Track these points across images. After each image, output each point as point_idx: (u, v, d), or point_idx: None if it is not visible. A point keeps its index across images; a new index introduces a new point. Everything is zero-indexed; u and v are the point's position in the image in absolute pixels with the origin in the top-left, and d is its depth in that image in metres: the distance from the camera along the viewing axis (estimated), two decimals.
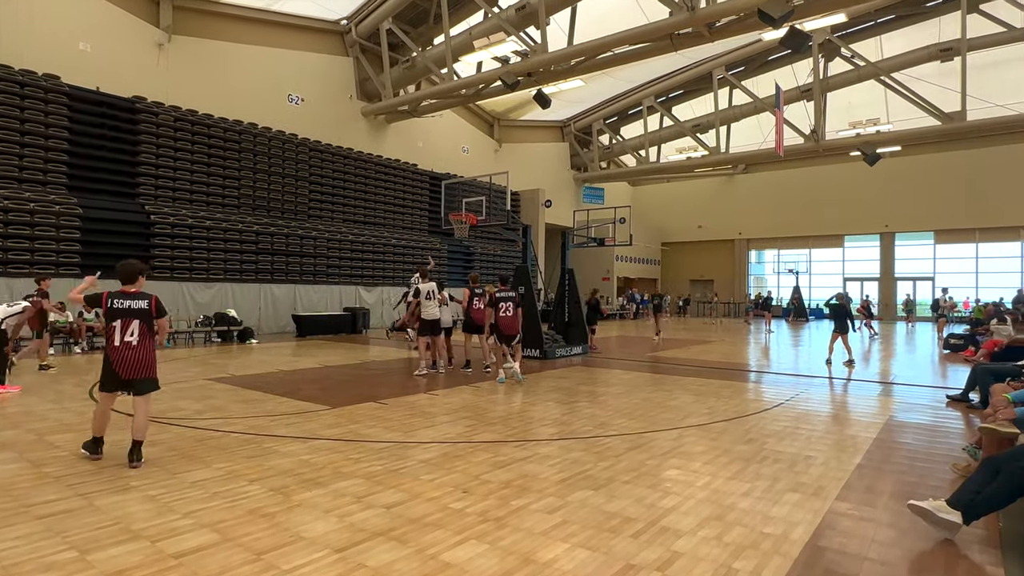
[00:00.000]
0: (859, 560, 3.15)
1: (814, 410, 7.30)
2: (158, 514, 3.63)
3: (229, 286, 17.05)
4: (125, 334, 4.73)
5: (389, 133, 24.46)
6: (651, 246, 37.07)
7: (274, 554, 3.10)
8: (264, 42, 20.02)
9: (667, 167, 31.64)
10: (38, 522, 3.48)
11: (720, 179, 36.31)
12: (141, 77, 16.86)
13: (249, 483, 4.24)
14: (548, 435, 5.83)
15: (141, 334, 4.77)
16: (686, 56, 24.16)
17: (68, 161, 14.77)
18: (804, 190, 33.13)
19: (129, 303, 4.84)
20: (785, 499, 4.06)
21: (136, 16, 16.96)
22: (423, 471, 4.59)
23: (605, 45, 17.73)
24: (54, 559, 3.00)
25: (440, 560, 3.06)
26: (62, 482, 4.21)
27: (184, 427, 5.94)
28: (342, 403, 7.31)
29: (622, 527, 3.53)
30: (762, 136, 27.55)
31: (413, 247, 23.12)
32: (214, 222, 17.01)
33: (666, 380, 9.58)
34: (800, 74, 25.51)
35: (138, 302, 4.86)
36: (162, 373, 9.55)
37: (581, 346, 13.44)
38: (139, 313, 4.82)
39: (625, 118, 33.32)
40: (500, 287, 9.90)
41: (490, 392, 8.32)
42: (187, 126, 17.11)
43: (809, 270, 33.46)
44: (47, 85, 14.45)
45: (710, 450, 5.31)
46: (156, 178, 16.43)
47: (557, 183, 32.81)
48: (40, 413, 6.50)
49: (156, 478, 4.32)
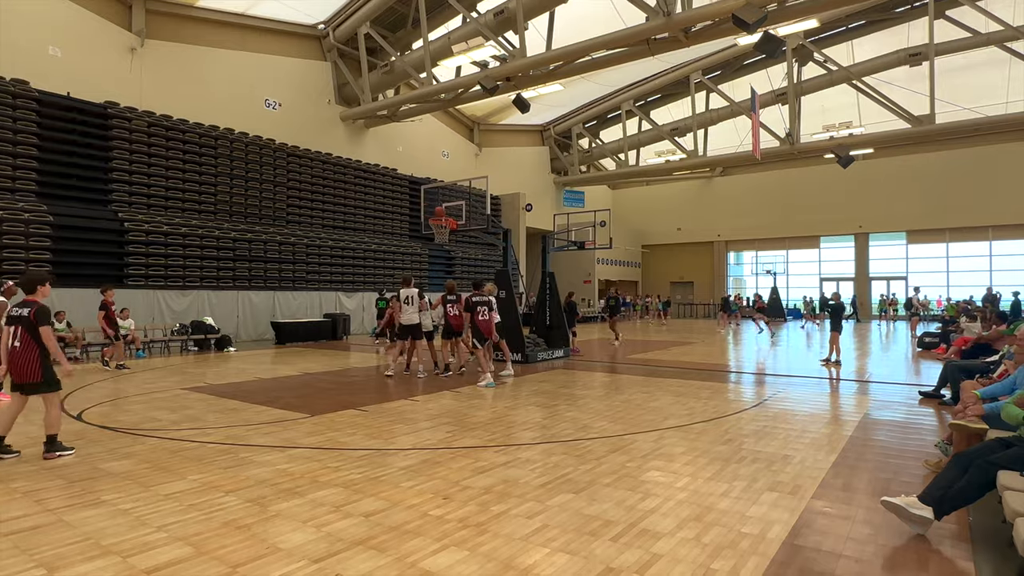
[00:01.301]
0: (835, 557, 3.20)
1: (791, 409, 7.40)
2: (130, 528, 3.55)
3: (206, 294, 16.80)
4: (13, 340, 5.08)
5: (368, 138, 24.34)
6: (631, 249, 37.35)
7: (250, 566, 3.05)
8: (240, 47, 19.81)
9: (646, 170, 31.94)
10: (4, 539, 3.39)
11: (698, 182, 36.74)
12: (113, 82, 16.57)
13: (225, 494, 4.17)
14: (529, 439, 5.83)
15: (23, 341, 5.06)
16: (663, 60, 24.47)
17: (38, 168, 14.44)
18: (780, 192, 33.67)
19: (19, 311, 5.15)
20: (763, 499, 4.10)
21: (108, 20, 16.67)
22: (403, 478, 4.55)
23: (583, 50, 17.85)
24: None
25: (420, 568, 3.04)
26: (30, 497, 4.10)
27: (159, 438, 5.83)
28: (322, 411, 7.23)
29: (602, 530, 3.54)
30: (739, 139, 27.95)
31: (394, 252, 23.00)
32: (190, 229, 16.75)
33: (647, 382, 9.64)
34: (775, 78, 25.96)
35: (23, 310, 5.13)
36: (136, 383, 9.39)
37: (563, 349, 13.47)
38: (22, 321, 5.10)
39: (604, 122, 33.58)
40: (475, 292, 9.94)
41: (471, 397, 8.30)
42: (161, 131, 16.85)
43: (787, 271, 33.96)
44: (15, 90, 14.13)
45: (690, 451, 5.35)
46: (130, 184, 16.14)
47: (537, 187, 32.92)
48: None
49: (129, 491, 4.23)
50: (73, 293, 13.95)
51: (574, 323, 14.91)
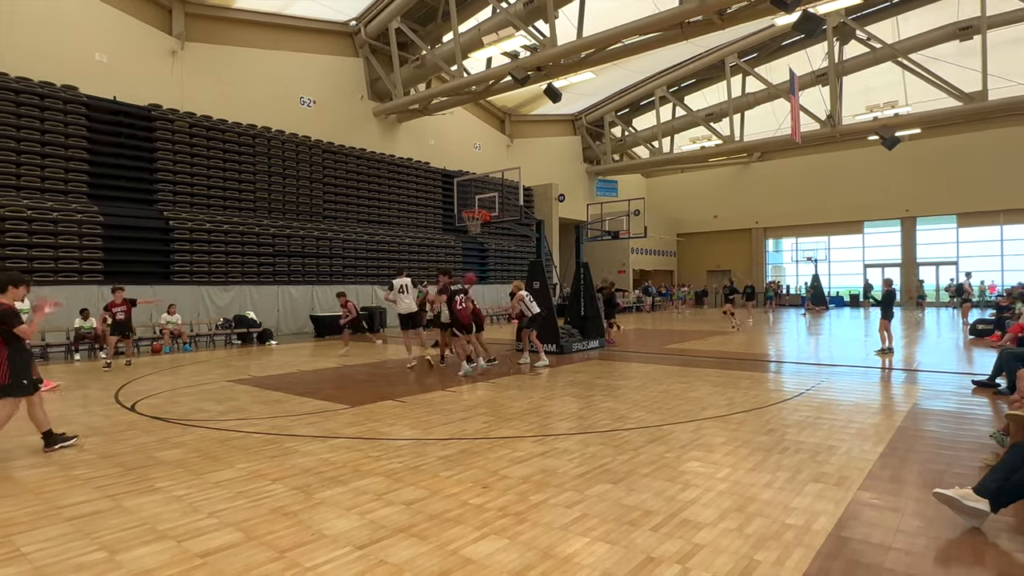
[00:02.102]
0: (884, 550, 3.11)
1: (836, 399, 7.20)
2: (183, 514, 3.70)
3: (248, 288, 17.28)
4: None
5: (401, 132, 24.56)
6: (666, 238, 36.82)
7: (297, 552, 3.14)
8: (275, 46, 20.19)
9: (681, 157, 31.38)
10: (68, 524, 3.57)
11: (735, 168, 35.91)
12: (156, 85, 17.12)
13: (272, 482, 4.30)
14: (566, 430, 5.83)
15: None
16: (697, 44, 23.93)
17: (88, 170, 15.05)
18: (821, 176, 32.64)
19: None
20: (807, 489, 4.02)
21: (150, 25, 17.20)
22: (442, 468, 4.61)
23: (615, 36, 17.61)
24: (84, 560, 3.07)
25: (460, 555, 3.08)
26: (91, 484, 4.31)
27: (208, 428, 6.04)
28: (361, 402, 7.38)
29: (642, 520, 3.52)
30: (777, 123, 27.19)
31: (428, 245, 23.21)
32: (231, 226, 17.24)
33: (685, 372, 9.52)
34: (815, 59, 25.10)
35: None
36: (185, 376, 9.74)
37: (598, 340, 13.40)
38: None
39: (637, 109, 33.09)
40: (451, 280, 10.05)
41: (507, 388, 8.34)
42: (202, 131, 17.34)
43: (828, 257, 32.97)
44: (66, 96, 14.72)
45: (730, 441, 5.27)
46: (174, 184, 16.69)
47: (570, 177, 32.71)
48: (68, 417, 6.65)
49: (181, 479, 4.40)
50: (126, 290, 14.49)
51: (614, 314, 14.84)
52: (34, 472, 4.62)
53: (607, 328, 14.17)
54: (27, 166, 14.07)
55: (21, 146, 13.98)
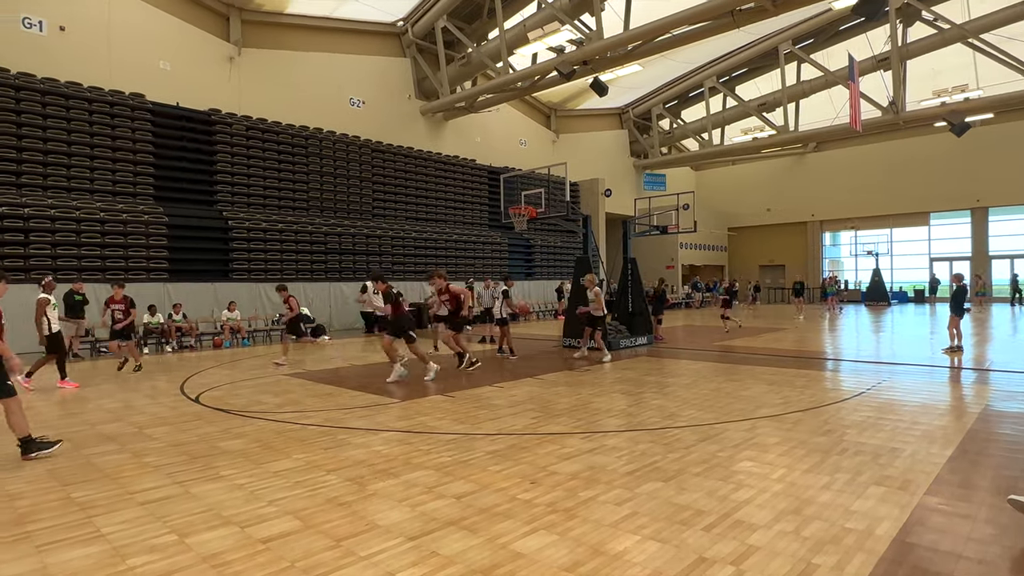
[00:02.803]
0: (953, 558, 2.96)
1: (899, 399, 6.88)
2: (245, 501, 3.87)
3: (302, 285, 17.83)
4: None
5: (447, 130, 24.81)
6: (717, 232, 35.93)
7: (352, 541, 3.24)
8: (326, 48, 20.73)
9: (732, 149, 30.55)
10: (141, 507, 3.79)
11: (789, 159, 34.67)
12: (215, 90, 17.86)
13: (327, 473, 4.44)
14: (615, 426, 5.79)
15: None
16: (749, 32, 23.18)
17: (154, 173, 15.84)
18: (883, 166, 31.13)
19: None
20: (869, 493, 3.86)
21: (209, 33, 17.96)
22: (491, 462, 4.66)
23: (663, 27, 17.28)
24: (156, 542, 3.26)
25: (511, 550, 3.11)
26: (161, 471, 4.55)
27: (266, 420, 6.28)
28: (410, 396, 7.52)
29: (694, 520, 3.47)
30: (835, 111, 26.06)
31: (474, 242, 23.39)
32: (286, 225, 17.83)
33: (737, 370, 9.29)
34: (876, 42, 23.91)
35: None
36: (244, 370, 10.14)
37: (646, 336, 13.22)
38: None
39: (686, 101, 32.38)
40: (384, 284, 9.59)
41: (554, 384, 8.34)
42: (258, 134, 17.99)
43: (890, 251, 31.46)
44: (133, 103, 15.53)
45: (785, 441, 5.11)
46: (232, 185, 17.38)
47: (617, 171, 32.33)
48: (138, 408, 7.04)
49: (242, 468, 4.60)
50: (187, 287, 15.28)
51: (662, 311, 14.66)
52: (110, 459, 4.92)
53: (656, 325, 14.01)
54: (100, 171, 14.93)
55: (95, 152, 14.84)
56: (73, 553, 3.13)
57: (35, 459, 4.89)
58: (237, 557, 3.05)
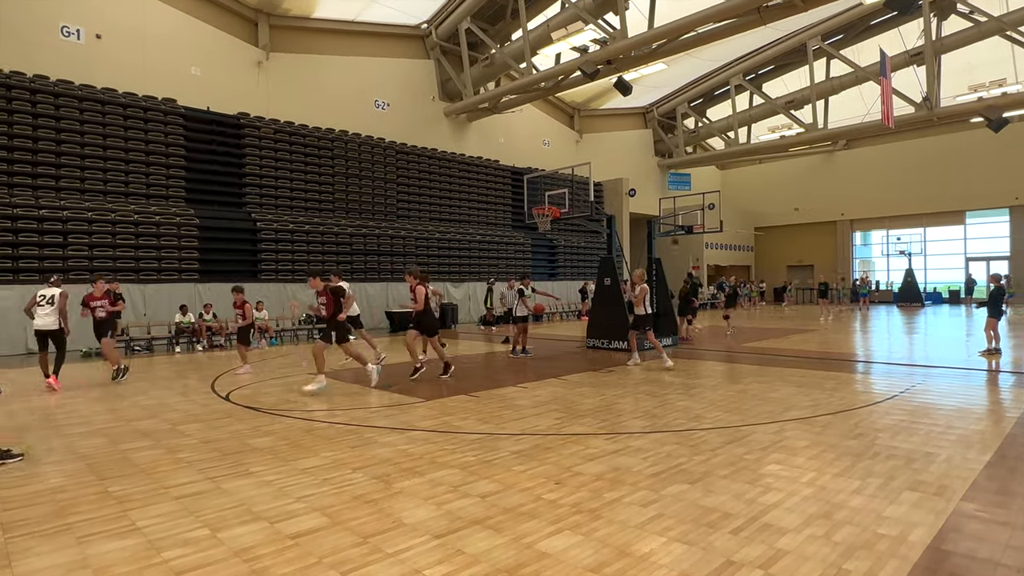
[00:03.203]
0: (991, 566, 2.88)
1: (934, 403, 6.71)
2: (274, 498, 3.94)
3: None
4: None
5: (471, 131, 24.92)
6: (743, 232, 35.44)
7: (379, 538, 3.28)
8: (351, 52, 21.00)
9: (758, 148, 30.13)
10: (175, 502, 3.89)
11: (818, 157, 34.02)
12: (244, 94, 18.24)
13: (353, 471, 4.50)
14: (640, 428, 5.75)
15: None
16: (776, 29, 22.80)
17: (185, 176, 16.23)
18: (916, 164, 30.35)
19: None
20: (902, 498, 3.77)
21: (238, 38, 18.34)
22: (515, 462, 4.67)
23: (688, 25, 17.11)
24: (190, 536, 3.34)
25: (536, 549, 3.11)
26: (193, 467, 4.66)
27: (294, 418, 6.38)
28: (435, 396, 7.57)
29: (721, 522, 3.43)
30: (865, 108, 25.52)
31: (497, 242, 23.45)
32: (312, 226, 18.10)
33: (764, 371, 9.15)
34: (908, 37, 23.34)
35: None
36: (271, 369, 10.32)
37: (671, 337, 13.10)
38: None
39: (711, 99, 32.01)
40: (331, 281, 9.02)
41: (579, 385, 8.32)
42: (285, 137, 18.31)
43: (924, 251, 30.66)
44: (166, 108, 15.94)
45: (815, 445, 5.02)
46: (260, 187, 17.72)
47: (641, 171, 32.11)
48: (171, 405, 7.22)
49: (271, 465, 4.68)
50: (217, 287, 15.59)
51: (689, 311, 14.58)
52: (145, 454, 5.05)
53: (686, 326, 13.90)
54: (134, 174, 15.35)
55: (129, 156, 15.26)
56: (111, 545, 3.23)
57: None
58: (267, 552, 3.11)
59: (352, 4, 19.83)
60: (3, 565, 3.00)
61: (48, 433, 5.84)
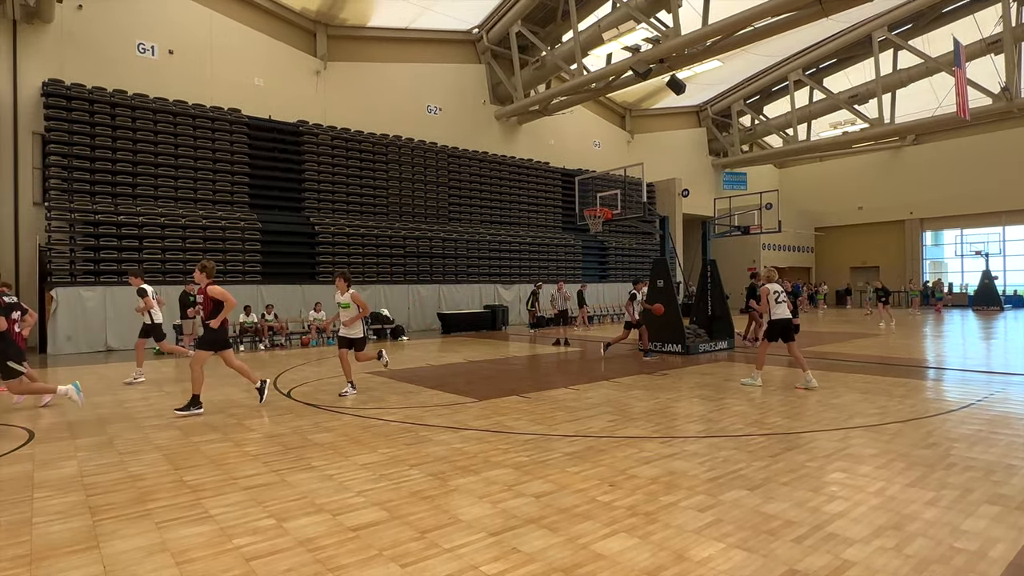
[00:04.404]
0: None
1: (1015, 412, 6.29)
2: (335, 491, 4.08)
3: (382, 287, 18.53)
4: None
5: (521, 134, 25.03)
6: (803, 232, 34.16)
7: (436, 533, 3.35)
8: (404, 59, 21.47)
9: (819, 145, 29.02)
10: (244, 492, 4.08)
11: (884, 153, 32.46)
12: (303, 102, 18.94)
13: (410, 468, 4.60)
14: (695, 432, 5.64)
15: None
16: (838, 21, 21.94)
17: (249, 182, 16.97)
18: (993, 158, 28.51)
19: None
20: (981, 512, 3.57)
21: (298, 49, 19.06)
22: (569, 463, 4.66)
23: (744, 20, 16.67)
24: (258, 524, 3.50)
25: (591, 550, 3.10)
26: (259, 460, 4.88)
27: (352, 415, 6.58)
28: (487, 396, 7.64)
29: (782, 530, 3.33)
30: (936, 100, 24.18)
31: (548, 244, 23.44)
32: (367, 229, 18.60)
33: (826, 376, 8.80)
34: (985, 24, 21.98)
35: None
36: (329, 367, 10.64)
37: (727, 341, 12.77)
38: None
39: (768, 96, 31.06)
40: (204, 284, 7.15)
41: (631, 388, 8.23)
42: (342, 143, 18.88)
43: (1003, 251, 28.75)
44: (231, 118, 16.71)
45: (882, 453, 4.80)
46: (318, 192, 18.34)
47: (694, 171, 31.47)
48: (238, 401, 7.56)
49: (332, 459, 4.85)
50: (279, 289, 16.26)
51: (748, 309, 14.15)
52: (215, 447, 5.32)
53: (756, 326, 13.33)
54: (202, 181, 16.16)
55: (197, 164, 16.08)
56: (187, 531, 3.42)
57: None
58: (330, 543, 3.23)
59: (405, 12, 20.28)
60: (92, 546, 3.23)
61: (129, 424, 6.23)
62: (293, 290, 16.72)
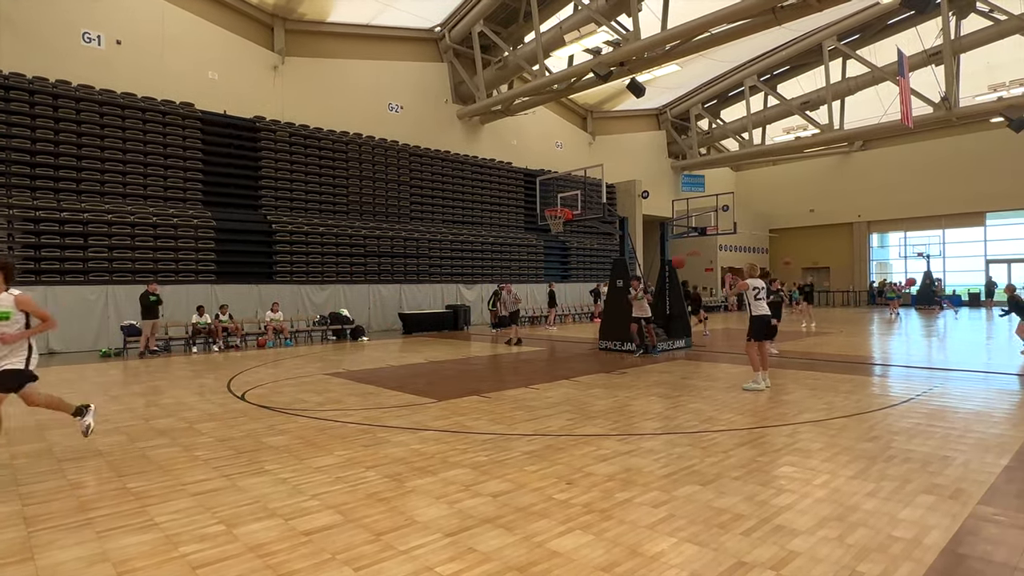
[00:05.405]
0: (1008, 570, 2.85)
1: (951, 406, 6.62)
2: (289, 495, 3.99)
3: (342, 287, 18.23)
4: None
5: (484, 133, 24.99)
6: (757, 233, 35.12)
7: (392, 535, 3.31)
8: (365, 56, 21.17)
9: (773, 149, 29.88)
10: (192, 498, 3.95)
11: (834, 158, 33.66)
12: (260, 98, 18.45)
13: (366, 469, 4.54)
14: (652, 429, 5.74)
15: None
16: (791, 29, 22.64)
17: (202, 179, 16.45)
18: (935, 164, 29.91)
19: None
20: (917, 501, 3.74)
21: (254, 43, 18.56)
22: (527, 462, 4.68)
23: (702, 26, 17.05)
24: (206, 531, 3.39)
25: (547, 548, 3.12)
26: (209, 464, 4.73)
27: (308, 418, 6.45)
28: (447, 396, 7.61)
29: (732, 524, 3.42)
30: (883, 108, 25.22)
31: (510, 244, 23.48)
32: (326, 228, 18.26)
33: (778, 374, 9.08)
34: (927, 36, 23.04)
35: None
36: (286, 369, 10.42)
37: (684, 339, 13.04)
38: None
39: (725, 100, 31.83)
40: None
41: (590, 387, 8.31)
42: (300, 140, 18.49)
43: (943, 253, 30.19)
44: (184, 112, 16.17)
45: (829, 447, 4.98)
46: (276, 190, 17.91)
47: (654, 173, 32.00)
48: (189, 404, 7.32)
49: (286, 463, 4.74)
50: (234, 289, 15.82)
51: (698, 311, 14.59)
52: (163, 452, 5.14)
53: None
54: (152, 176, 15.59)
55: (148, 159, 15.50)
56: (130, 540, 3.29)
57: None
58: (282, 548, 3.16)
59: (366, 8, 19.99)
60: (26, 558, 3.08)
61: (69, 431, 5.96)
62: (249, 290, 16.28)
